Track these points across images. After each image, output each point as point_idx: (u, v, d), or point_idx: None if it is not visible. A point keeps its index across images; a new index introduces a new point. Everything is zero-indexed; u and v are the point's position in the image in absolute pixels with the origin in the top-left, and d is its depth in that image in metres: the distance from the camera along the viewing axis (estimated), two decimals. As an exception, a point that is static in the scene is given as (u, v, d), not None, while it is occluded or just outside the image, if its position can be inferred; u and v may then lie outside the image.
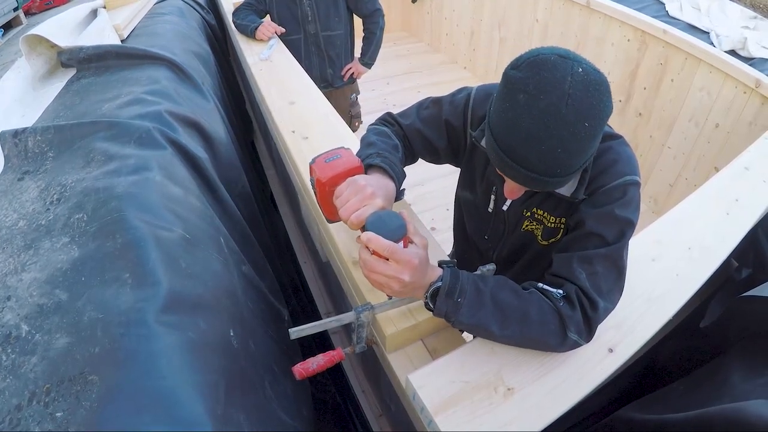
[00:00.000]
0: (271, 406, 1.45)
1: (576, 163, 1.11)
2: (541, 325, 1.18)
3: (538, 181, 1.13)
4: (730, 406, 1.23)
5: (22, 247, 1.31)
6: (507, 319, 1.17)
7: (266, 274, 2.18)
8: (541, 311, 1.18)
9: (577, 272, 1.22)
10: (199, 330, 1.17)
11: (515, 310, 1.18)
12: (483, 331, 1.20)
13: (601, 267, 1.22)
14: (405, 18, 7.73)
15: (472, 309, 1.17)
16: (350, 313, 1.30)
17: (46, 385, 0.99)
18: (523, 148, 1.09)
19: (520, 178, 1.16)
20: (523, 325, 1.18)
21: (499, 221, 1.56)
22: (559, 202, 1.37)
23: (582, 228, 1.26)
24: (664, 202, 4.14)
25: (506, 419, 1.11)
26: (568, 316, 1.18)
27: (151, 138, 1.66)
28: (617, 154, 1.30)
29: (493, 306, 1.17)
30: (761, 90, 3.16)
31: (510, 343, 1.25)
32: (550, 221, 1.42)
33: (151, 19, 3.04)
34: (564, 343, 1.20)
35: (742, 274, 1.98)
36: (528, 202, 1.44)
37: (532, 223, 1.47)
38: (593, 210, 1.26)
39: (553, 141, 1.05)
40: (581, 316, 1.19)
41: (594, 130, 1.07)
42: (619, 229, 1.23)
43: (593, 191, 1.27)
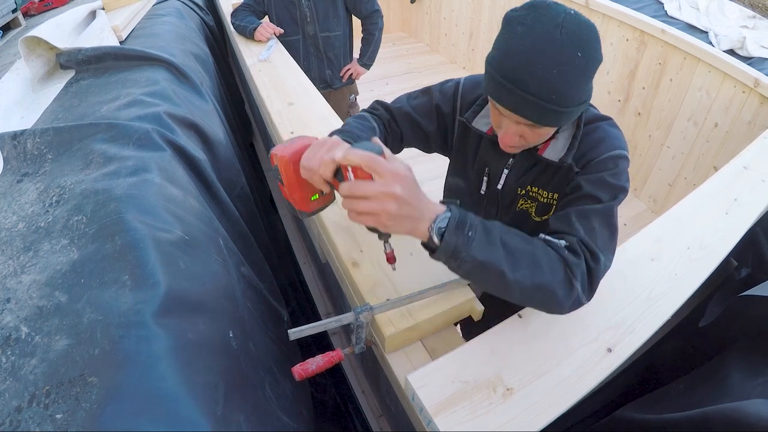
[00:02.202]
0: (271, 407, 1.45)
1: (569, 95, 1.14)
2: (551, 272, 1.14)
3: (533, 104, 1.15)
4: (729, 405, 1.23)
5: (21, 249, 1.31)
6: (517, 261, 1.11)
7: (266, 275, 2.18)
8: (548, 257, 1.16)
9: (576, 226, 1.24)
10: (198, 331, 1.17)
11: (524, 253, 1.13)
12: (494, 271, 1.09)
13: (597, 223, 1.24)
14: (404, 18, 7.73)
15: (482, 244, 1.08)
16: (349, 313, 1.30)
17: (45, 387, 0.99)
18: (520, 70, 1.13)
19: (516, 103, 1.17)
20: (534, 270, 1.13)
21: (491, 204, 1.61)
22: (552, 176, 1.43)
23: (578, 191, 1.31)
24: (663, 202, 4.15)
25: (505, 419, 1.11)
26: (574, 263, 1.17)
27: (150, 140, 1.66)
28: (606, 132, 1.37)
29: (502, 246, 1.11)
30: (760, 89, 3.16)
31: (515, 294, 1.14)
32: (543, 197, 1.47)
33: (149, 21, 3.04)
34: (569, 295, 1.16)
35: (742, 274, 1.99)
36: (522, 179, 1.49)
37: (526, 202, 1.51)
38: (587, 176, 1.31)
39: (547, 62, 1.10)
40: (585, 265, 1.18)
41: (585, 64, 1.14)
42: (612, 193, 1.28)
43: (585, 164, 1.34)
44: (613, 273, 1.50)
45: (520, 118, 1.22)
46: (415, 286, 1.41)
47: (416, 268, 1.52)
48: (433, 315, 1.36)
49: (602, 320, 1.35)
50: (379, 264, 1.53)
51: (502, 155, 1.50)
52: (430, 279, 1.46)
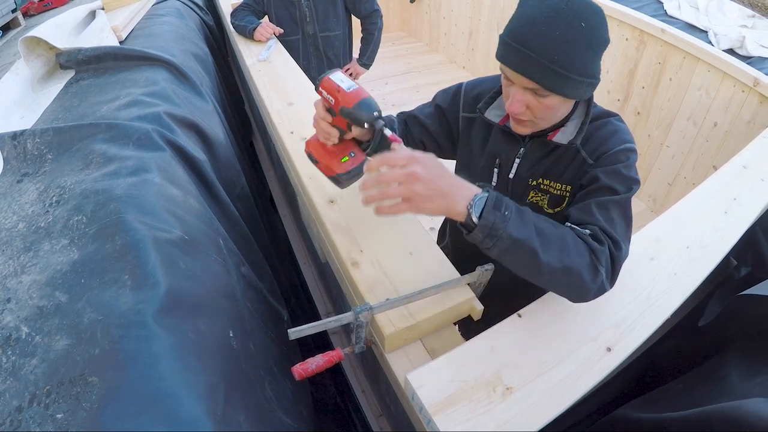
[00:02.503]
0: (271, 406, 1.45)
1: (570, 59, 1.21)
2: (579, 256, 1.19)
3: (537, 63, 1.21)
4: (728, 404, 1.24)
5: (21, 249, 1.31)
6: (548, 243, 1.17)
7: (266, 275, 2.19)
8: (576, 242, 1.21)
9: (597, 216, 1.29)
10: (198, 331, 1.17)
11: (555, 236, 1.19)
12: (528, 250, 1.15)
13: (615, 214, 1.30)
14: (403, 18, 7.74)
15: (518, 224, 1.14)
16: (349, 313, 1.30)
17: (46, 387, 0.99)
18: (526, 31, 1.21)
19: (522, 63, 1.24)
20: (563, 252, 1.18)
21: None
22: (565, 168, 1.47)
23: (595, 183, 1.36)
24: (663, 201, 4.15)
25: (505, 418, 1.11)
26: (599, 250, 1.21)
27: (149, 140, 1.66)
28: (615, 126, 1.43)
29: (534, 227, 1.17)
30: (759, 89, 3.16)
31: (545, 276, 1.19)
32: (556, 189, 1.50)
33: (149, 21, 3.04)
34: (595, 279, 1.21)
35: (741, 273, 1.99)
36: (534, 169, 1.52)
37: (538, 194, 1.54)
38: (602, 169, 1.36)
39: (551, 25, 1.18)
40: (608, 252, 1.23)
41: (588, 35, 1.21)
42: (627, 185, 1.33)
43: (599, 157, 1.39)
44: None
45: (526, 81, 1.26)
46: (414, 286, 1.41)
47: (416, 267, 1.52)
48: (432, 314, 1.36)
49: (602, 319, 1.35)
50: (379, 264, 1.53)
51: (513, 145, 1.54)
52: (429, 279, 1.46)
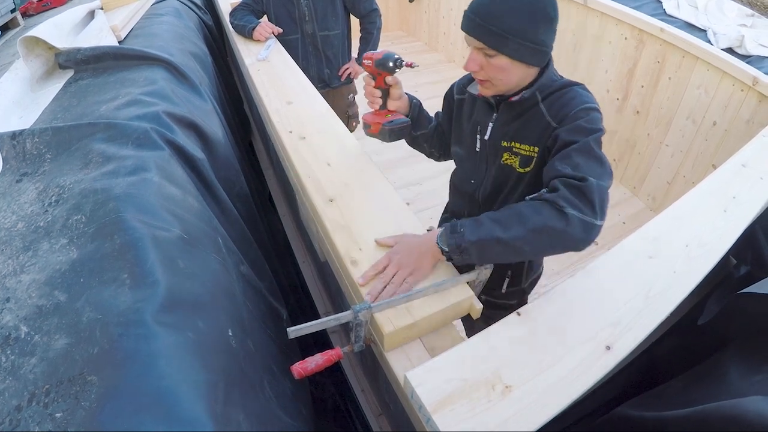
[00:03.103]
0: (271, 405, 1.45)
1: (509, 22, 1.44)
2: (537, 214, 1.33)
3: (481, 26, 1.48)
4: (727, 402, 1.23)
5: (20, 248, 1.31)
6: (505, 224, 1.36)
7: (265, 274, 2.19)
8: (531, 207, 1.36)
9: (560, 168, 1.41)
10: (197, 330, 1.17)
11: (509, 215, 1.38)
12: (491, 241, 1.36)
13: (580, 159, 1.40)
14: (402, 17, 7.74)
15: (471, 229, 1.39)
16: (348, 312, 1.30)
17: (45, 386, 0.99)
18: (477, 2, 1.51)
19: (471, 27, 1.52)
20: (521, 222, 1.34)
21: (482, 160, 1.81)
22: (532, 131, 1.62)
23: (558, 142, 1.50)
24: (662, 200, 4.15)
25: (504, 417, 1.11)
26: (554, 197, 1.33)
27: (148, 139, 1.66)
28: (577, 93, 1.57)
29: (489, 221, 1.39)
30: (758, 88, 3.16)
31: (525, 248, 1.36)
32: (525, 150, 1.64)
33: (148, 20, 3.05)
34: (569, 223, 1.30)
35: (741, 272, 1.99)
36: (504, 130, 1.69)
37: (511, 157, 1.68)
38: (564, 128, 1.50)
39: None
40: (567, 191, 1.33)
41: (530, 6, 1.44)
42: (587, 133, 1.46)
43: (561, 119, 1.54)
44: (610, 271, 1.51)
45: (475, 41, 1.52)
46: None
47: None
48: (431, 313, 1.37)
49: (600, 318, 1.35)
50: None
51: (489, 111, 1.74)
52: (429, 277, 1.46)
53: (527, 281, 2.06)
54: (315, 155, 2.01)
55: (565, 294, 1.42)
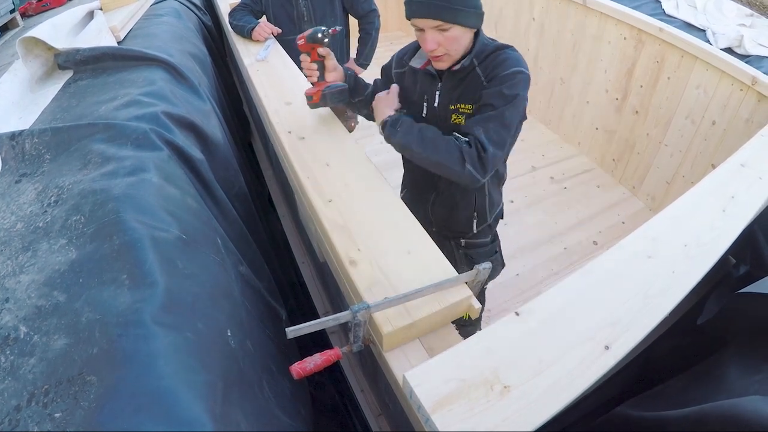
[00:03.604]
0: (270, 405, 1.45)
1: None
2: (447, 152, 1.76)
3: (436, 6, 1.66)
4: (726, 402, 1.24)
5: (20, 249, 1.31)
6: (425, 145, 1.80)
7: (264, 275, 2.19)
8: (449, 144, 1.77)
9: (475, 130, 1.76)
10: (196, 330, 1.18)
11: (432, 140, 1.80)
12: (409, 149, 1.85)
13: (492, 124, 1.75)
14: (402, 17, 7.70)
15: (403, 133, 1.85)
16: (346, 312, 1.30)
17: (44, 386, 0.99)
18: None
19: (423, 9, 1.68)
20: (434, 151, 1.78)
21: (432, 122, 1.96)
22: (473, 93, 1.88)
23: (481, 101, 1.81)
24: (661, 200, 4.15)
25: (503, 417, 1.11)
26: (466, 151, 1.74)
27: (147, 139, 1.66)
28: (508, 55, 1.82)
29: (418, 134, 1.82)
30: (757, 87, 3.17)
31: (425, 165, 1.86)
32: (468, 109, 1.91)
33: (147, 21, 3.05)
34: (462, 171, 1.75)
35: (740, 271, 1.99)
36: (450, 96, 1.95)
37: (458, 117, 1.94)
38: (489, 90, 1.79)
39: None
40: (476, 153, 1.73)
41: None
42: (506, 100, 1.75)
43: (491, 79, 1.80)
44: (609, 271, 1.51)
45: (432, 22, 1.70)
46: (412, 285, 1.42)
47: (414, 266, 1.53)
48: (430, 313, 1.37)
49: (599, 318, 1.35)
50: (377, 263, 1.53)
51: (433, 82, 1.98)
52: (427, 277, 1.47)
53: (492, 216, 2.33)
54: (314, 155, 2.01)
55: (564, 294, 1.42)
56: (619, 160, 4.51)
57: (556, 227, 4.15)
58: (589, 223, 4.18)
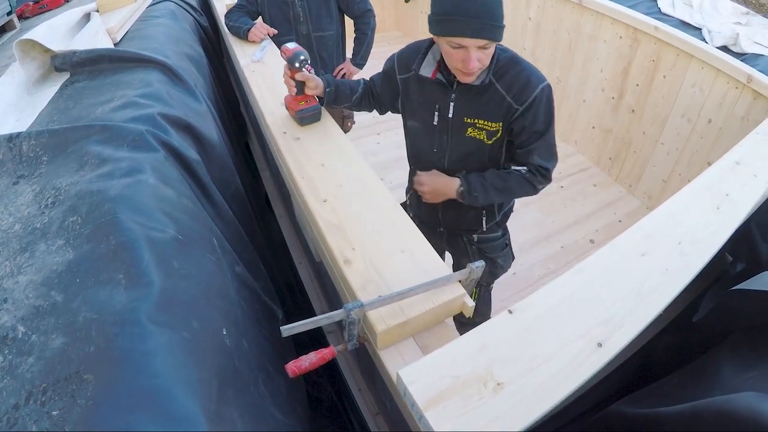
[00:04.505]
0: (265, 403, 1.46)
1: (500, 15, 1.65)
2: (521, 189, 2.00)
3: (488, 26, 1.62)
4: (720, 398, 1.24)
5: (17, 250, 1.32)
6: (501, 195, 2.01)
7: (260, 275, 2.20)
8: (519, 183, 1.98)
9: (532, 159, 1.93)
10: (191, 329, 1.18)
11: (505, 188, 1.99)
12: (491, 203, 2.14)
13: (543, 146, 1.92)
14: (398, 18, 7.74)
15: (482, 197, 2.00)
16: (340, 310, 1.31)
17: (42, 385, 1.00)
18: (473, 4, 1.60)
19: (476, 29, 1.62)
20: (511, 194, 2.06)
21: (443, 131, 2.04)
22: (494, 111, 1.90)
23: (526, 131, 1.89)
24: (657, 198, 4.16)
25: (496, 413, 1.12)
26: (534, 179, 1.97)
27: (143, 141, 1.67)
28: (524, 68, 1.87)
29: (493, 190, 1.98)
30: (753, 85, 3.17)
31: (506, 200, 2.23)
32: (490, 126, 1.93)
33: (143, 23, 3.05)
34: (537, 192, 2.02)
35: (737, 269, 2.00)
36: (467, 109, 1.95)
37: (475, 131, 1.97)
38: (530, 117, 1.86)
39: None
40: (540, 176, 1.96)
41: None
42: (547, 124, 1.89)
43: (523, 103, 1.85)
44: (604, 268, 1.52)
45: (481, 41, 1.66)
46: (406, 283, 1.42)
47: (407, 265, 1.54)
48: (424, 311, 1.38)
49: (592, 315, 1.36)
50: (371, 261, 1.54)
51: (446, 92, 1.96)
52: (421, 276, 1.47)
53: (500, 214, 2.38)
54: (309, 156, 2.02)
55: (557, 291, 1.43)
56: (615, 158, 4.51)
57: (553, 226, 4.15)
58: (586, 222, 4.19)
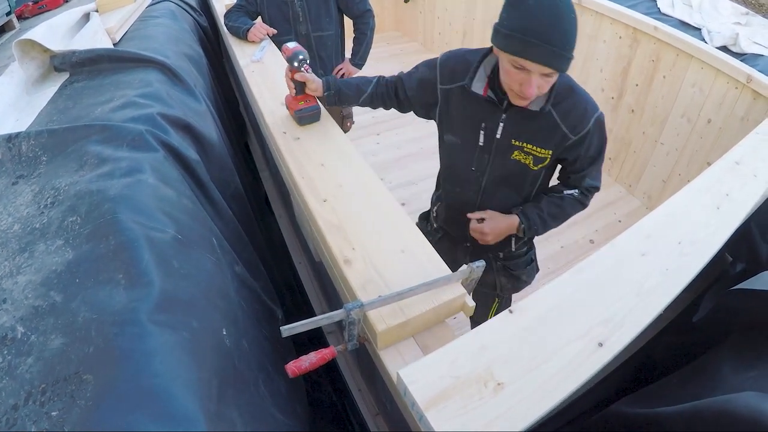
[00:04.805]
0: (265, 403, 1.46)
1: (573, 45, 1.53)
2: (574, 211, 2.05)
3: (558, 55, 1.52)
4: (720, 398, 1.24)
5: (17, 250, 1.32)
6: (557, 222, 2.04)
7: (260, 274, 2.20)
8: (572, 206, 2.03)
9: (585, 182, 1.98)
10: (191, 329, 1.18)
11: (561, 214, 2.03)
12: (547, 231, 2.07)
13: (595, 170, 1.97)
14: (398, 18, 7.74)
15: (542, 227, 2.02)
16: (340, 310, 1.31)
17: (41, 385, 1.00)
18: (544, 30, 1.48)
19: (544, 56, 1.51)
20: (566, 218, 2.06)
21: (486, 152, 1.94)
22: (546, 138, 1.83)
23: (582, 159, 1.90)
24: (657, 198, 4.16)
25: (496, 413, 1.12)
26: (582, 199, 2.03)
27: (143, 141, 1.67)
28: (580, 96, 1.81)
29: (550, 219, 2.01)
30: (753, 85, 3.17)
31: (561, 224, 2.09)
32: (539, 153, 1.86)
33: (143, 23, 3.05)
34: (586, 207, 2.07)
35: (737, 269, 1.99)
36: (516, 132, 1.85)
37: (521, 155, 1.89)
38: (585, 146, 1.85)
39: (562, 21, 1.50)
40: (590, 195, 2.04)
41: (576, 22, 1.54)
42: (599, 149, 1.90)
43: (578, 133, 1.80)
44: (603, 268, 1.52)
45: (545, 68, 1.54)
46: (406, 283, 1.42)
47: (407, 265, 1.54)
48: (424, 311, 1.38)
49: (593, 315, 1.36)
50: (371, 261, 1.54)
51: (495, 112, 1.84)
52: (421, 276, 1.47)
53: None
54: (309, 156, 2.02)
55: (558, 291, 1.43)
56: (615, 158, 4.52)
57: (553, 226, 4.12)
58: (586, 222, 4.19)
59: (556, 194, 2.03)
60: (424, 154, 4.79)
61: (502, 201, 2.05)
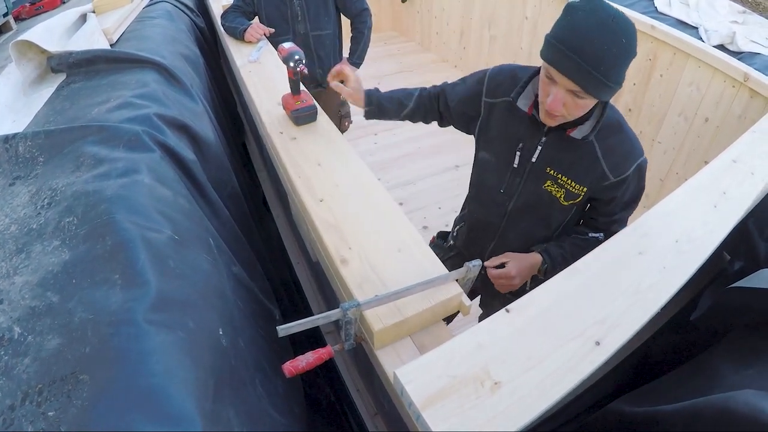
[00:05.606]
0: (262, 403, 1.46)
1: (612, 70, 1.42)
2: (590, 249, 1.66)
3: (586, 72, 1.42)
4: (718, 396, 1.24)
5: (14, 251, 1.32)
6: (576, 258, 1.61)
7: (257, 274, 2.20)
8: (590, 246, 1.67)
9: (614, 227, 1.83)
10: (187, 329, 1.18)
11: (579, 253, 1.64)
12: None
13: (626, 217, 1.86)
14: (395, 17, 7.74)
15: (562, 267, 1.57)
16: (337, 310, 1.31)
17: (38, 385, 1.00)
18: (581, 43, 1.40)
19: (572, 68, 1.44)
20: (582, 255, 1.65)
21: (517, 175, 1.86)
22: (583, 173, 1.74)
23: (617, 201, 1.78)
24: (655, 197, 4.15)
25: (493, 413, 1.11)
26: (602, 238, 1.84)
27: (140, 141, 1.67)
28: (627, 137, 1.71)
29: (572, 259, 1.61)
30: (750, 84, 3.17)
31: None
32: (573, 187, 1.77)
33: (140, 23, 3.05)
34: None
35: (735, 267, 1.99)
36: (553, 159, 1.77)
37: (554, 186, 1.80)
38: (622, 190, 1.75)
39: (602, 40, 1.39)
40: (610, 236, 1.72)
41: (626, 50, 1.42)
42: (636, 194, 1.80)
43: (619, 175, 1.70)
44: (601, 267, 1.52)
45: (571, 84, 1.47)
46: (403, 283, 1.42)
47: (404, 264, 1.54)
48: (421, 310, 1.38)
49: (589, 314, 1.36)
50: (368, 261, 1.54)
51: (536, 133, 1.76)
52: (417, 275, 1.47)
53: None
54: (305, 156, 2.02)
55: (555, 290, 1.43)
56: (613, 157, 4.50)
57: (552, 225, 4.12)
58: (584, 221, 4.15)
59: (580, 236, 1.92)
60: (422, 153, 4.82)
61: (525, 231, 1.97)
